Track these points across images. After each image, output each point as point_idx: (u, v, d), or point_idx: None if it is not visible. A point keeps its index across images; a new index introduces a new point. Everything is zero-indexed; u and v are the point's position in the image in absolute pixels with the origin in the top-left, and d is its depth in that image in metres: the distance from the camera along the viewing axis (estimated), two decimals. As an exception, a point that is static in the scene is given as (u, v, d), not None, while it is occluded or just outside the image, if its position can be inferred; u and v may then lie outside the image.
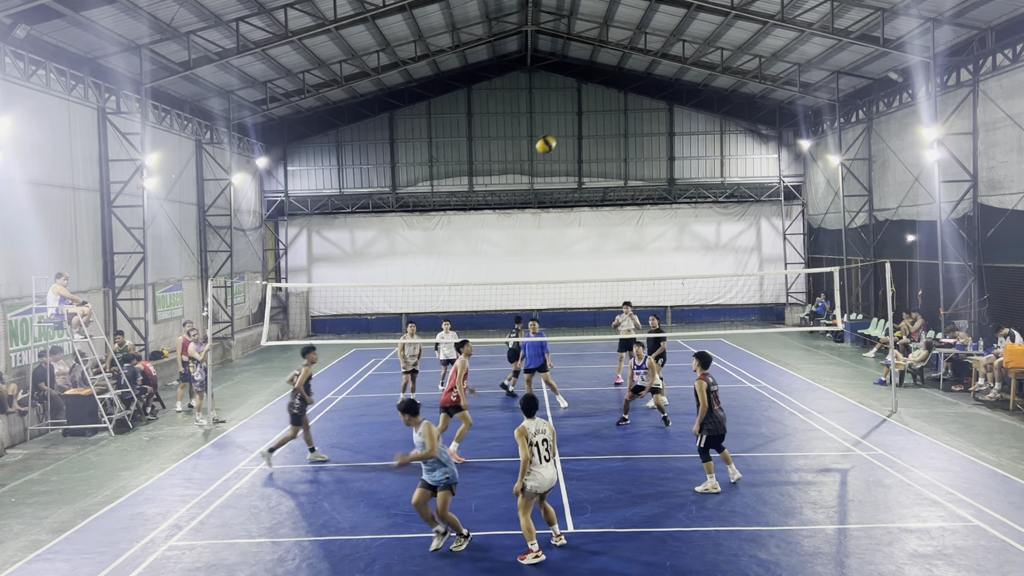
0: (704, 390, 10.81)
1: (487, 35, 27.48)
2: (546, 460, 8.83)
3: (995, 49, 18.85)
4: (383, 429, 15.24)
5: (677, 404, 16.15)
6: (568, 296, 30.06)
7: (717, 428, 10.85)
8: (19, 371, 16.32)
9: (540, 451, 8.80)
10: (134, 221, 20.64)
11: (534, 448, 8.76)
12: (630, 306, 19.00)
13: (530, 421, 8.96)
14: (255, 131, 29.86)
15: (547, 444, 8.90)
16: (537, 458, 8.76)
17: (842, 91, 26.45)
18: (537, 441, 8.80)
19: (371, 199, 32.48)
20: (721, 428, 10.91)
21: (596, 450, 13.36)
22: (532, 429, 8.86)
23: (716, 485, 10.89)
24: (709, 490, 10.86)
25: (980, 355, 17.50)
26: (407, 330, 17.47)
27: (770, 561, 8.64)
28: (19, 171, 16.55)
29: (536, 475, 8.73)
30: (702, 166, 32.73)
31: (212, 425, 15.85)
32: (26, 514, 10.83)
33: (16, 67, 16.54)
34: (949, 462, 12.19)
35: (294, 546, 9.44)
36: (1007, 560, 8.54)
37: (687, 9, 22.52)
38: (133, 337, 20.15)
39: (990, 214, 19.42)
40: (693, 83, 31.03)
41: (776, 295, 33.02)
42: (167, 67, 21.03)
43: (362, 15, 21.64)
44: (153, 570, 8.84)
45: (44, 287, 15.94)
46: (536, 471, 8.73)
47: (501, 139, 32.63)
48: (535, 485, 8.75)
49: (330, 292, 32.45)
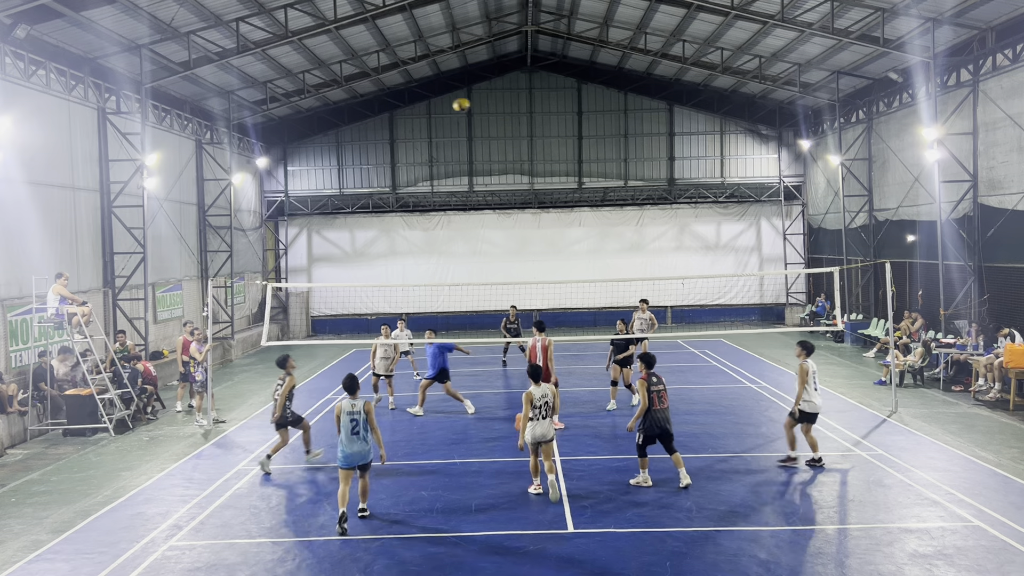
0: (644, 389, 11.14)
1: (487, 35, 27.48)
2: (542, 417, 10.71)
3: (995, 49, 18.85)
4: (382, 429, 15.18)
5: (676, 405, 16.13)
6: (568, 296, 30.06)
7: (654, 427, 11.10)
8: (19, 371, 16.32)
9: (541, 412, 10.71)
10: (134, 221, 20.64)
11: (538, 410, 10.66)
12: (647, 303, 18.86)
13: (536, 387, 10.73)
14: (255, 131, 29.86)
15: (549, 405, 10.78)
16: (538, 416, 10.69)
17: (842, 91, 26.45)
18: (540, 404, 10.69)
19: (371, 199, 32.48)
20: (658, 427, 11.12)
21: (596, 450, 13.36)
22: (537, 394, 10.69)
23: (647, 479, 11.32)
24: (641, 483, 11.29)
25: (980, 355, 17.50)
26: (383, 332, 17.50)
27: (770, 561, 8.64)
28: (19, 171, 16.55)
29: (534, 428, 10.70)
30: (702, 166, 32.73)
31: (212, 425, 15.86)
32: (26, 514, 10.83)
33: (16, 67, 16.54)
34: (949, 462, 12.19)
35: (294, 546, 9.44)
36: (1007, 560, 8.54)
37: (687, 9, 22.52)
38: (133, 337, 20.14)
39: (990, 214, 19.42)
40: (693, 83, 31.03)
41: (776, 295, 33.03)
42: (167, 67, 21.03)
43: (362, 15, 21.64)
44: (153, 570, 8.84)
45: (44, 287, 15.93)
46: (534, 425, 10.68)
47: (501, 139, 32.63)
48: (534, 436, 10.73)
49: (330, 292, 32.45)
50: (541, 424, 10.70)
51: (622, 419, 15.46)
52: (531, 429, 10.67)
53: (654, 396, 11.07)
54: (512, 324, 21.44)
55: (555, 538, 9.43)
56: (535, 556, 8.91)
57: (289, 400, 12.50)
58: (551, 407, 10.81)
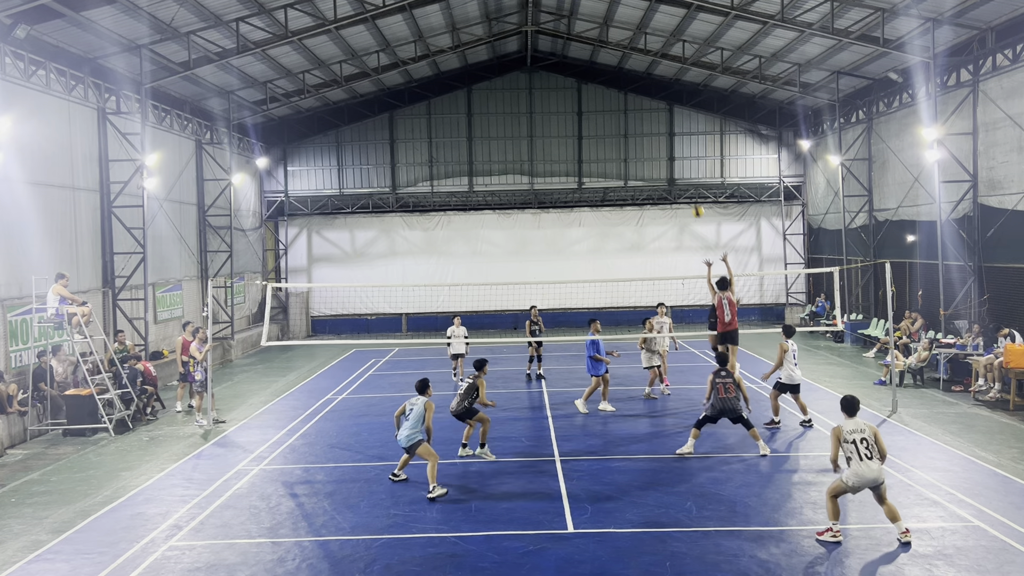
0: (710, 381, 12.84)
1: (487, 35, 27.48)
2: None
3: (995, 49, 18.84)
4: (383, 429, 15.21)
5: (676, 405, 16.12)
6: (568, 296, 30.07)
7: (712, 409, 12.77)
8: (19, 371, 16.32)
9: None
10: (134, 221, 20.64)
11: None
12: (665, 307, 18.96)
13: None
14: (255, 131, 29.86)
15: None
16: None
17: (842, 91, 26.45)
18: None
19: (371, 199, 32.48)
20: (716, 410, 12.74)
21: (596, 450, 13.36)
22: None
23: (692, 449, 12.85)
24: (684, 453, 12.84)
25: (980, 355, 17.50)
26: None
27: (770, 561, 8.64)
28: (19, 171, 16.55)
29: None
30: (702, 166, 32.73)
31: (212, 425, 15.85)
32: (26, 514, 10.83)
33: (16, 67, 16.54)
34: (949, 462, 12.18)
35: (294, 546, 9.44)
36: (1007, 560, 8.54)
37: (687, 9, 22.52)
38: (133, 337, 20.15)
39: (990, 214, 19.42)
40: (693, 83, 31.03)
41: (776, 295, 33.03)
42: (167, 67, 21.03)
43: (362, 15, 21.64)
44: (153, 570, 8.84)
45: (44, 287, 15.93)
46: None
47: (501, 139, 32.63)
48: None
49: (330, 292, 32.44)
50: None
51: (622, 419, 15.50)
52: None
53: (720, 387, 12.63)
54: (535, 324, 20.33)
55: (555, 538, 9.42)
56: (535, 556, 8.91)
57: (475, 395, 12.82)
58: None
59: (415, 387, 11.70)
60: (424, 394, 11.51)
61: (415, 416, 11.23)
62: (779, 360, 14.45)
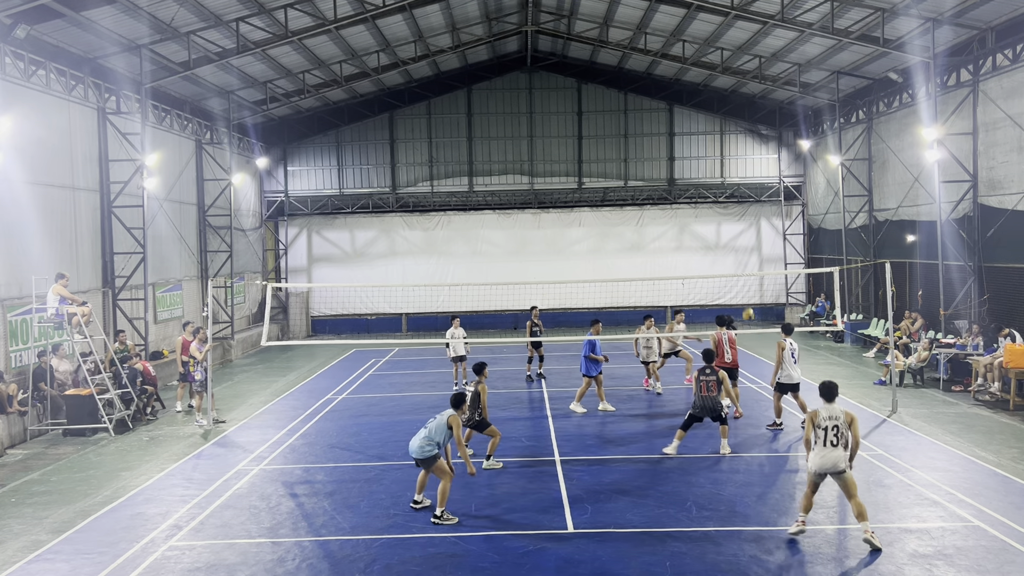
0: (695, 379, 12.88)
1: (487, 35, 27.48)
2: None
3: (995, 49, 18.84)
4: (383, 429, 15.23)
5: (676, 405, 16.14)
6: (568, 296, 30.08)
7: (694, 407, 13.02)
8: (19, 371, 16.32)
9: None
10: (134, 221, 20.64)
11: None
12: (681, 313, 19.33)
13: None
14: (255, 131, 29.86)
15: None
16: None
17: (842, 91, 26.45)
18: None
19: (371, 199, 32.47)
20: (697, 408, 12.93)
21: (596, 450, 13.36)
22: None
23: (674, 450, 12.92)
24: (668, 452, 12.89)
25: (980, 355, 17.50)
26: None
27: (770, 561, 8.64)
28: (19, 171, 16.55)
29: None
30: (702, 166, 32.72)
31: (212, 425, 15.85)
32: (26, 514, 10.83)
33: (16, 67, 16.54)
34: (949, 462, 12.18)
35: (294, 546, 9.44)
36: (1007, 560, 8.54)
37: (687, 9, 22.51)
38: (133, 337, 20.15)
39: (990, 214, 19.42)
40: (693, 83, 31.02)
41: (776, 295, 33.03)
42: (167, 67, 21.03)
43: (362, 15, 21.64)
44: (153, 570, 8.84)
45: (44, 287, 15.93)
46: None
47: (501, 139, 32.63)
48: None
49: (330, 292, 32.44)
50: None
51: (622, 419, 15.52)
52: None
53: (703, 384, 12.81)
54: (536, 325, 20.15)
55: (555, 538, 9.42)
56: (535, 556, 8.91)
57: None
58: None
59: (450, 401, 10.61)
60: (458, 409, 10.47)
61: (434, 427, 10.25)
62: (778, 359, 14.37)
